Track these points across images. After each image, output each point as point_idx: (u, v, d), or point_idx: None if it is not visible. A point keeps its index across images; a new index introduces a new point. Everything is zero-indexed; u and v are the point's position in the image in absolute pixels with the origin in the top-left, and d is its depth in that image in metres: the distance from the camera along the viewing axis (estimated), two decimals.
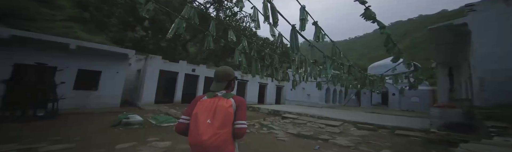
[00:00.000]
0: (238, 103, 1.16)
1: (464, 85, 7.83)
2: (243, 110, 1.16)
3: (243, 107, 1.17)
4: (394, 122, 6.41)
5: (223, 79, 1.25)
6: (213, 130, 1.01)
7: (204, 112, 1.07)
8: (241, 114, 1.13)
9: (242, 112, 1.15)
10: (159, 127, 4.99)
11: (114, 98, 7.34)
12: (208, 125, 1.02)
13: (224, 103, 1.11)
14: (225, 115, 1.06)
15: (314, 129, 5.65)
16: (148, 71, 8.60)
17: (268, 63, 7.39)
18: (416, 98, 14.21)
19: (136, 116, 5.03)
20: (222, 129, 1.03)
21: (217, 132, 1.01)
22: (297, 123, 6.46)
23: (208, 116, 1.06)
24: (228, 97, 1.16)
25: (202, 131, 1.00)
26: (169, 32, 3.95)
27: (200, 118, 1.05)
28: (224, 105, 1.09)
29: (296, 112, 7.94)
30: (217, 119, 1.05)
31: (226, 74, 1.26)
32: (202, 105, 1.11)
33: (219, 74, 1.26)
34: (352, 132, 5.25)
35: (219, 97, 1.16)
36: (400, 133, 4.77)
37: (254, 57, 6.79)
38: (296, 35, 3.55)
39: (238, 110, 1.14)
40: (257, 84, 14.73)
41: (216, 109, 1.08)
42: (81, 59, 6.68)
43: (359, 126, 5.74)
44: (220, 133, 1.01)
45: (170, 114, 6.66)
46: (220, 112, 1.07)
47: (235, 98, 1.18)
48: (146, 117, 5.99)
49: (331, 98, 15.07)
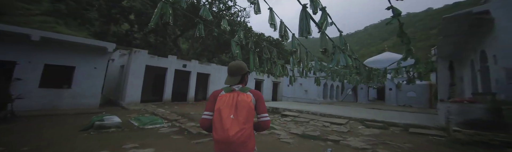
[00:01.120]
0: (257, 97, 1.17)
1: (468, 79, 7.57)
2: (263, 102, 1.17)
3: (261, 100, 1.17)
4: (402, 118, 6.01)
5: (237, 73, 1.25)
6: (239, 126, 1.01)
7: (226, 107, 1.07)
8: (261, 107, 1.15)
9: (262, 105, 1.16)
10: (142, 130, 4.27)
11: (92, 97, 6.46)
12: (233, 121, 1.02)
13: (244, 97, 1.11)
14: (248, 110, 1.07)
15: (319, 128, 5.12)
16: (132, 66, 7.71)
17: (267, 57, 6.75)
18: (413, 92, 14.11)
19: (113, 117, 4.26)
20: (246, 124, 1.03)
21: (243, 127, 1.01)
22: (299, 122, 5.92)
23: (231, 111, 1.06)
24: (246, 91, 1.17)
25: (228, 127, 1.00)
26: (151, 20, 3.20)
27: (223, 113, 1.05)
28: (245, 99, 1.10)
29: (296, 109, 7.41)
30: (241, 114, 1.05)
31: (239, 68, 1.25)
32: (223, 100, 1.11)
33: (232, 69, 1.25)
34: (361, 131, 4.76)
35: (237, 92, 1.17)
36: (415, 131, 4.32)
37: (252, 50, 6.11)
38: (307, 17, 2.89)
39: (258, 103, 1.15)
40: (253, 80, 14.07)
41: (237, 104, 1.08)
42: (48, 53, 5.71)
43: (367, 124, 5.26)
44: (246, 128, 1.02)
45: (157, 114, 5.92)
46: (242, 107, 1.07)
47: (252, 91, 1.18)
48: (128, 118, 5.23)
49: (328, 93, 14.72)
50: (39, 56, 5.55)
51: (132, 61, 7.75)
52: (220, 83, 12.11)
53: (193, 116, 6.30)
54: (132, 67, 7.71)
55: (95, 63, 6.57)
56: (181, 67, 9.90)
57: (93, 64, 6.52)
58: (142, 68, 8.05)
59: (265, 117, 1.11)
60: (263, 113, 1.12)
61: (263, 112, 1.13)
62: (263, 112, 1.13)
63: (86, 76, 6.36)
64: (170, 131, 4.36)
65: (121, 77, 8.48)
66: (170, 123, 5.05)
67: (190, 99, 10.30)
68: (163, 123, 4.90)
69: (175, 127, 4.70)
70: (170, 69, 9.28)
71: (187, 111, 7.31)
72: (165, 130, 4.42)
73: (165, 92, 9.06)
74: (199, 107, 8.65)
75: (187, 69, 10.25)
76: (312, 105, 10.68)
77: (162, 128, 4.54)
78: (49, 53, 5.74)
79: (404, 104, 13.92)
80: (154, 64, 8.63)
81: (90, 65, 6.47)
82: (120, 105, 7.38)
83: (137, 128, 4.44)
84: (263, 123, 1.10)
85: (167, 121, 5.17)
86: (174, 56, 9.70)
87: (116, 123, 4.02)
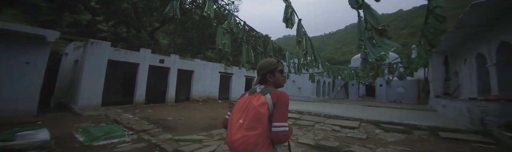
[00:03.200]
0: (276, 100, 0.94)
1: (468, 74, 7.29)
2: (282, 107, 0.93)
3: (282, 105, 0.93)
4: (412, 118, 5.36)
5: (259, 72, 1.11)
6: (242, 132, 0.90)
7: (238, 111, 1.00)
8: (278, 114, 0.92)
9: (280, 110, 0.92)
10: (88, 149, 2.88)
11: (26, 100, 4.72)
12: (240, 126, 0.93)
13: (255, 100, 0.97)
14: (254, 114, 0.92)
15: (330, 134, 4.16)
16: (88, 61, 5.99)
17: (261, 50, 5.61)
18: (402, 88, 14.14)
19: (38, 133, 2.79)
20: (250, 131, 0.88)
21: (245, 134, 0.88)
22: (303, 126, 4.92)
23: (242, 115, 0.96)
24: (265, 93, 0.99)
25: (234, 131, 0.93)
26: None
27: (233, 117, 1.00)
28: (253, 103, 0.96)
29: (295, 109, 6.43)
30: (247, 119, 0.93)
31: (260, 67, 1.11)
32: (238, 103, 1.04)
33: (257, 68, 1.13)
34: (382, 137, 3.91)
35: (256, 93, 1.03)
36: (448, 136, 3.56)
37: (244, 41, 4.92)
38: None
39: (275, 108, 0.93)
40: (243, 78, 12.86)
41: (247, 108, 0.97)
42: None
43: (384, 127, 4.44)
44: (249, 136, 0.87)
45: (121, 122, 4.44)
46: (250, 111, 0.94)
47: (272, 93, 0.98)
48: (75, 130, 3.72)
49: (321, 91, 14.14)
50: None
51: (88, 55, 6.01)
52: (206, 80, 10.70)
53: (171, 123, 4.95)
54: (88, 62, 5.99)
55: (28, 57, 4.79)
56: (157, 63, 8.30)
57: (24, 58, 4.75)
58: (103, 64, 6.35)
59: (278, 127, 0.87)
60: (277, 122, 0.88)
61: (277, 120, 0.89)
62: (277, 120, 0.89)
63: (13, 74, 4.59)
64: (133, 148, 3.05)
65: (74, 74, 6.66)
66: (136, 136, 3.69)
67: (170, 100, 8.79)
68: (124, 136, 3.53)
69: (141, 142, 3.37)
70: (143, 65, 7.66)
71: (163, 115, 5.90)
72: (126, 147, 3.09)
73: (137, 92, 7.44)
74: (180, 110, 7.23)
75: (166, 65, 8.68)
76: (308, 103, 9.87)
77: (121, 145, 3.19)
78: None
79: (394, 100, 13.91)
80: (121, 59, 6.95)
81: (20, 60, 4.69)
82: (72, 109, 5.67)
83: (80, 145, 3.02)
84: (275, 134, 0.87)
85: (131, 133, 3.78)
86: (148, 50, 8.05)
87: (38, 142, 2.57)
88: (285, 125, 0.89)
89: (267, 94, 0.97)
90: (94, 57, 6.15)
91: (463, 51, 7.76)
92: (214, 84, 11.16)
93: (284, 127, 0.88)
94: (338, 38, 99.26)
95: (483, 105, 3.59)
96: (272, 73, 1.09)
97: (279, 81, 1.11)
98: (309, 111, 6.04)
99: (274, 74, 1.09)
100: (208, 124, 5.04)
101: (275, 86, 1.11)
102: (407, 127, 4.26)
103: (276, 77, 1.10)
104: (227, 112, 1.88)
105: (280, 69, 1.12)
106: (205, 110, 7.58)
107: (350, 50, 58.70)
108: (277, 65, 1.10)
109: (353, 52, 52.40)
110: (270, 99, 0.94)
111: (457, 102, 5.30)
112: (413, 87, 13.66)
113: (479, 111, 3.72)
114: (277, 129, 0.87)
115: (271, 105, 0.93)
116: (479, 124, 3.69)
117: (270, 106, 0.93)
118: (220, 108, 8.51)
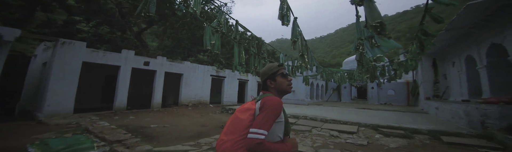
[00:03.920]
0: (262, 105, 0.86)
1: (457, 76, 7.43)
2: (263, 112, 0.82)
3: (265, 110, 0.83)
4: (408, 121, 5.23)
5: (261, 79, 1.06)
6: (221, 135, 0.90)
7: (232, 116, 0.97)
8: (258, 118, 0.82)
9: (261, 115, 0.82)
10: None
11: None
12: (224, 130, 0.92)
13: (242, 106, 0.96)
14: (233, 119, 0.91)
15: (329, 140, 3.85)
16: (57, 63, 5.32)
17: (254, 52, 5.31)
18: (392, 91, 14.38)
19: None
20: (227, 135, 0.86)
21: (222, 138, 0.87)
22: (300, 131, 4.60)
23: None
24: (259, 99, 0.93)
25: (221, 134, 0.92)
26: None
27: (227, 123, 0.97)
28: (239, 109, 0.94)
29: (291, 113, 6.12)
30: (227, 124, 0.93)
31: (261, 74, 1.06)
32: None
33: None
34: (384, 142, 3.66)
35: (253, 101, 0.97)
36: (452, 141, 3.38)
37: (237, 41, 4.61)
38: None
39: (260, 113, 0.84)
40: (236, 81, 12.43)
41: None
42: None
43: (384, 131, 4.22)
44: (224, 140, 0.85)
45: (92, 131, 3.85)
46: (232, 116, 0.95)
47: (264, 99, 0.89)
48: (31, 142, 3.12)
49: (315, 93, 14.01)
50: None
51: (58, 57, 5.36)
52: (197, 84, 10.17)
53: (153, 131, 4.43)
54: (58, 65, 5.33)
55: None
56: (142, 65, 7.72)
57: None
58: (77, 66, 5.70)
59: (252, 134, 0.77)
60: (253, 127, 0.78)
61: (254, 126, 0.79)
62: (254, 125, 0.79)
63: None
64: None
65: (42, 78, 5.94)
66: (108, 147, 3.16)
67: (156, 105, 8.16)
68: (93, 149, 2.99)
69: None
70: (125, 67, 7.06)
71: (146, 122, 5.34)
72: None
73: (118, 97, 6.78)
74: (166, 116, 6.66)
75: (151, 68, 8.11)
76: (302, 106, 9.62)
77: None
78: None
79: (385, 102, 14.06)
80: (99, 61, 6.33)
81: None
82: (37, 118, 4.95)
83: None
84: (247, 141, 0.77)
85: (103, 144, 3.24)
86: (131, 51, 7.49)
87: None
88: (261, 133, 0.77)
89: (260, 100, 0.89)
90: (65, 59, 5.50)
91: (451, 54, 7.95)
92: (205, 87, 10.64)
93: (258, 134, 0.76)
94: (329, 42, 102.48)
95: (484, 108, 3.48)
96: (273, 78, 1.01)
97: (282, 86, 0.99)
98: (305, 115, 5.75)
99: (275, 79, 1.00)
100: (196, 131, 4.58)
101: (279, 91, 1.00)
102: (407, 131, 4.06)
103: (278, 81, 1.00)
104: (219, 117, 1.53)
105: (283, 73, 1.01)
106: (194, 116, 7.06)
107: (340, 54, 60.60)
108: (278, 69, 1.01)
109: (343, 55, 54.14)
110: (259, 104, 0.88)
111: (452, 104, 5.25)
112: (403, 89, 13.93)
113: (479, 113, 3.61)
114: (250, 136, 0.77)
115: (257, 110, 0.87)
116: (480, 127, 3.56)
117: (256, 111, 0.88)
118: (212, 112, 8.01)
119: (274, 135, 0.85)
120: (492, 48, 4.99)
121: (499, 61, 5.01)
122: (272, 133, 0.84)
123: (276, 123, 0.84)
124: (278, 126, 0.86)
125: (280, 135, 0.87)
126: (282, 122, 0.88)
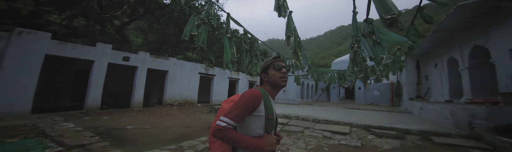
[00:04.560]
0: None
1: (439, 77, 7.74)
2: (234, 103, 0.83)
3: (237, 101, 0.83)
4: (401, 122, 5.25)
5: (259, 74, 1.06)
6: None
7: None
8: (227, 109, 0.87)
9: (231, 103, 0.88)
10: None
11: None
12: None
13: (228, 98, 1.05)
14: (219, 110, 1.00)
15: (322, 141, 3.67)
16: (10, 56, 4.57)
17: (246, 48, 4.99)
18: (377, 91, 14.86)
19: None
20: (214, 122, 0.87)
21: (213, 125, 0.87)
22: (292, 132, 4.37)
23: None
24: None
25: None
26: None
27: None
28: (225, 100, 1.03)
29: (282, 113, 5.89)
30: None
31: (259, 68, 1.05)
32: None
33: None
34: (377, 143, 3.55)
35: None
36: (443, 141, 3.35)
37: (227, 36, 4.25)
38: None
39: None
40: (226, 80, 11.98)
41: None
42: None
43: (376, 132, 4.14)
44: (212, 126, 0.85)
45: (50, 135, 3.26)
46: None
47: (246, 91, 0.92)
48: None
49: (305, 93, 14.03)
50: None
51: (12, 48, 4.60)
52: (183, 82, 9.59)
53: (129, 133, 3.94)
54: (11, 57, 4.57)
55: None
56: (120, 60, 7.03)
57: None
58: (38, 60, 4.96)
59: (218, 121, 0.79)
60: (222, 115, 0.82)
61: (223, 114, 0.82)
62: (224, 113, 0.82)
63: None
64: None
65: None
66: None
67: (137, 105, 7.50)
68: None
69: None
70: (99, 62, 6.35)
71: (122, 123, 4.80)
72: None
73: (90, 95, 6.07)
74: (147, 116, 6.10)
75: (132, 63, 7.43)
76: (293, 106, 9.48)
77: None
78: None
79: (371, 102, 14.48)
80: (67, 54, 5.60)
81: None
82: None
83: None
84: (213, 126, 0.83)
85: (59, 150, 2.70)
86: (108, 45, 6.78)
87: None
88: (225, 121, 0.77)
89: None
90: (23, 51, 4.74)
91: (434, 56, 8.26)
92: (193, 86, 10.09)
93: (221, 121, 0.77)
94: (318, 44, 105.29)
95: (472, 108, 3.52)
96: (266, 71, 0.97)
97: (274, 79, 0.92)
98: (297, 115, 5.56)
99: (268, 72, 0.96)
100: (180, 133, 4.16)
101: (271, 85, 0.94)
102: (398, 131, 4.01)
103: (270, 74, 0.94)
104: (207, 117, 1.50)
105: (276, 65, 0.94)
106: (179, 116, 6.57)
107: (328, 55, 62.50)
108: (271, 62, 0.96)
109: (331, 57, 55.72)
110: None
111: (437, 104, 5.37)
112: (388, 90, 14.44)
113: (466, 114, 3.65)
114: (217, 122, 0.78)
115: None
116: (467, 128, 3.60)
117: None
118: (199, 112, 7.54)
119: (250, 129, 0.81)
120: (475, 51, 5.18)
121: (481, 63, 5.21)
122: (247, 127, 0.81)
123: (252, 116, 0.81)
124: (255, 120, 0.81)
125: (259, 132, 0.82)
126: (261, 117, 0.82)
